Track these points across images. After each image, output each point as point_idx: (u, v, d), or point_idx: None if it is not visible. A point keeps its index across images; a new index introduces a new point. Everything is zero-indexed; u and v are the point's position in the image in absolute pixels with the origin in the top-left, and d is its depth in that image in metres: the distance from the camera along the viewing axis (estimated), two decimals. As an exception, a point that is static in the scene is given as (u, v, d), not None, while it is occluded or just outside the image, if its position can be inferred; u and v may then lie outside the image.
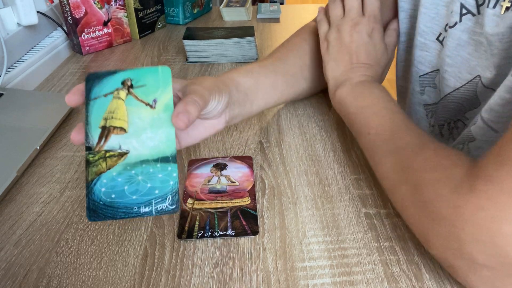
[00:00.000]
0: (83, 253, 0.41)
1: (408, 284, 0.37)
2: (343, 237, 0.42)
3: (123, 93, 0.40)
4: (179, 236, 0.42)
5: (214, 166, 0.52)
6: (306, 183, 0.49)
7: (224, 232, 0.42)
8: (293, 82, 0.59)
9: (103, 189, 0.37)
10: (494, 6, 0.43)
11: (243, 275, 0.38)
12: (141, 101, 0.40)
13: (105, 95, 0.40)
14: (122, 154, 0.38)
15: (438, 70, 0.55)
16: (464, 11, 0.47)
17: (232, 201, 0.46)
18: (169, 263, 0.40)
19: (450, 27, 0.49)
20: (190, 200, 0.46)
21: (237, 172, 0.51)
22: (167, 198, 0.37)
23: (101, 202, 0.37)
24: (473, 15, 0.47)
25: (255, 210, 0.45)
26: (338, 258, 0.40)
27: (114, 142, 0.38)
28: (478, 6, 0.46)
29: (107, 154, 0.38)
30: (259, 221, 0.44)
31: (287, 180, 0.50)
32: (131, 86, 0.40)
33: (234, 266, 0.39)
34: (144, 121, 0.39)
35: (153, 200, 0.37)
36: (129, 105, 0.39)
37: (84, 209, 0.46)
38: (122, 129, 0.39)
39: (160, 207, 0.37)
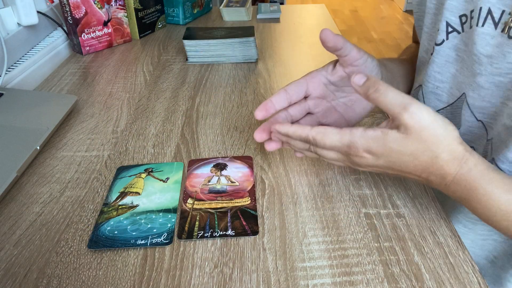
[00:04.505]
0: (83, 253, 0.41)
1: (408, 284, 0.37)
2: (343, 237, 0.42)
3: (143, 174, 0.50)
4: (179, 236, 0.42)
5: (214, 166, 0.52)
6: (306, 183, 0.49)
7: (224, 232, 0.42)
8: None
9: (108, 228, 0.43)
10: (483, 25, 0.44)
11: (243, 275, 0.38)
12: (157, 178, 0.50)
13: (129, 176, 0.50)
14: (132, 207, 0.46)
15: (421, 85, 0.56)
16: (450, 29, 0.49)
17: (232, 201, 0.46)
18: (169, 263, 0.40)
19: (437, 44, 0.51)
20: (190, 200, 0.46)
21: (237, 172, 0.51)
22: (163, 235, 0.42)
23: (103, 236, 0.42)
24: (458, 32, 0.48)
25: (255, 210, 0.45)
26: (338, 258, 0.40)
27: (128, 200, 0.47)
28: (462, 24, 0.48)
29: (119, 207, 0.46)
30: (259, 221, 0.44)
31: (287, 180, 0.50)
32: (151, 171, 0.51)
33: (234, 266, 0.39)
34: (156, 189, 0.48)
35: (150, 236, 0.42)
36: (147, 180, 0.49)
37: (84, 209, 0.46)
38: (137, 193, 0.47)
39: (155, 240, 0.42)
